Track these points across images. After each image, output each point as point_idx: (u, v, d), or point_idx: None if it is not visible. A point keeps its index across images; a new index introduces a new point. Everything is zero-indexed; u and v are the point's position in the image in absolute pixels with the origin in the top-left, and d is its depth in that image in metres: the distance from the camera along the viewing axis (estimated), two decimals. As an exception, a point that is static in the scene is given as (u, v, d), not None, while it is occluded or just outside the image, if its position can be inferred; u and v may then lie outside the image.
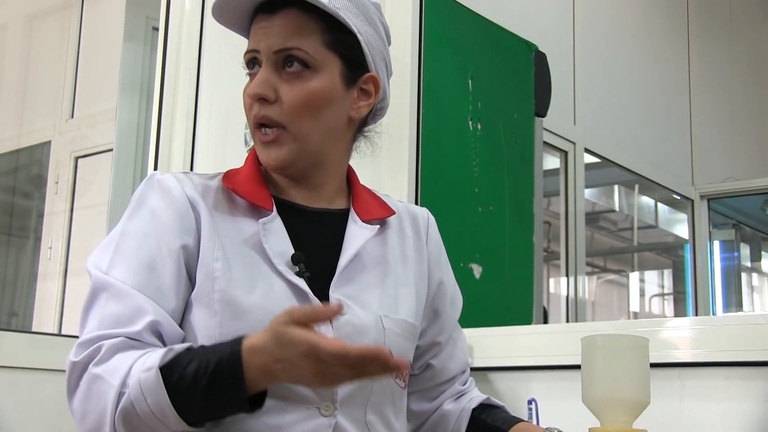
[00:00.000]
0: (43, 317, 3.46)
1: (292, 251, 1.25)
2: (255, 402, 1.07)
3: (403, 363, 1.00)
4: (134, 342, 1.14)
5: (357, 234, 1.31)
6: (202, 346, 1.12)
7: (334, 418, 1.21)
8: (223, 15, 1.29)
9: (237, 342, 1.06)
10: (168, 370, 1.07)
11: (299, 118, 1.24)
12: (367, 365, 0.98)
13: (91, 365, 1.13)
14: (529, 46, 2.86)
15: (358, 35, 1.27)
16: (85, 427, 1.14)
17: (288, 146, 1.25)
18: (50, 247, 3.56)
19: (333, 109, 1.27)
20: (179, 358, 1.09)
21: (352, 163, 1.39)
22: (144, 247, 1.21)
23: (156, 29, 2.90)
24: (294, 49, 1.23)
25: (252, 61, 1.27)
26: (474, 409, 1.42)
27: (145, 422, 1.07)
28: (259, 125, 1.26)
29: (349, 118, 1.31)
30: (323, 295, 1.25)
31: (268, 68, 1.25)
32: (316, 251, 1.28)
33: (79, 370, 1.14)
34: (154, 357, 1.09)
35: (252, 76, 1.27)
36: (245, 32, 1.30)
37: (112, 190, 3.09)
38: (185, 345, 1.12)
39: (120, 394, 1.09)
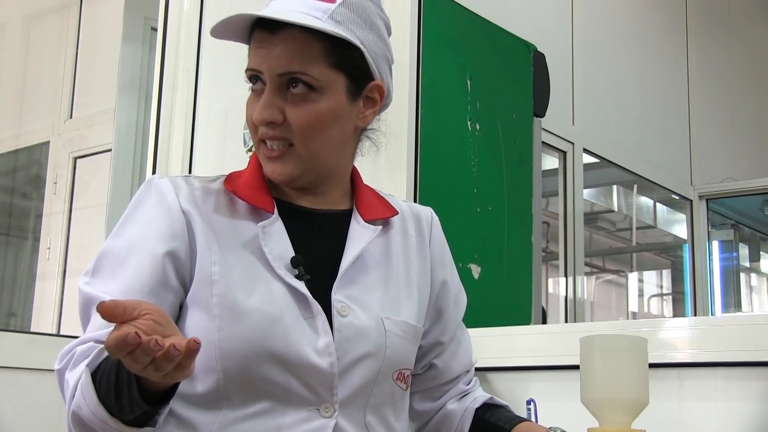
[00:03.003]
0: (42, 317, 3.46)
1: (292, 254, 1.25)
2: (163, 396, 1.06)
3: (152, 344, 0.92)
4: (100, 345, 1.12)
5: (359, 235, 1.31)
6: None
7: (334, 419, 1.21)
8: (221, 35, 1.26)
9: None
10: (97, 369, 1.08)
11: (308, 138, 1.23)
12: (134, 352, 0.93)
13: (66, 372, 1.14)
14: (527, 46, 2.86)
15: (362, 47, 1.25)
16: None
17: (293, 163, 1.24)
18: (49, 248, 3.56)
19: (340, 124, 1.26)
20: (104, 359, 1.08)
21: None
22: (131, 255, 1.21)
23: (155, 29, 2.90)
24: (299, 73, 1.21)
25: (254, 77, 1.26)
26: (477, 409, 1.42)
27: (93, 423, 1.06)
28: (264, 140, 1.25)
29: (355, 128, 1.31)
30: (325, 297, 1.24)
31: (272, 91, 1.23)
32: (319, 253, 1.28)
33: (60, 378, 1.16)
34: (91, 357, 1.09)
35: (255, 92, 1.26)
36: (245, 41, 1.28)
37: (110, 190, 3.10)
38: None
39: (73, 396, 1.10)
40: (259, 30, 1.24)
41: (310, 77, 1.21)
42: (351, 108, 1.27)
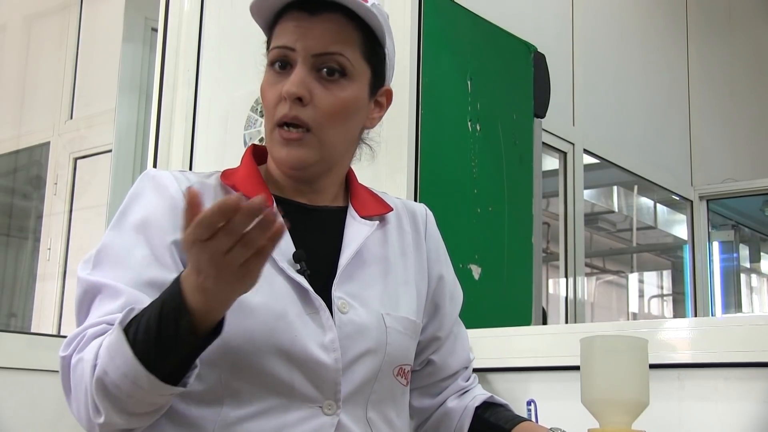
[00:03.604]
0: (42, 318, 3.46)
1: (294, 249, 1.25)
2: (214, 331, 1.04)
3: (258, 201, 0.91)
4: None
5: (357, 230, 1.31)
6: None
7: (337, 416, 1.21)
8: (256, 14, 1.27)
9: (177, 278, 1.03)
10: (128, 327, 1.05)
11: (330, 124, 1.24)
12: (232, 220, 0.92)
13: (74, 354, 1.12)
14: (528, 47, 2.86)
15: (386, 49, 1.29)
16: (78, 417, 1.12)
17: (310, 149, 1.24)
18: (49, 248, 3.56)
19: (357, 118, 1.29)
20: (138, 314, 1.06)
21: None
22: (136, 246, 1.19)
23: (155, 30, 2.90)
24: (337, 54, 1.23)
25: (280, 58, 1.25)
26: (477, 408, 1.42)
27: (120, 387, 1.04)
28: (283, 123, 1.24)
29: (362, 127, 1.32)
30: (325, 292, 1.24)
31: (304, 69, 1.23)
32: (317, 248, 1.28)
33: (67, 364, 1.13)
34: (122, 316, 1.07)
35: (276, 72, 1.25)
36: (267, 24, 1.28)
37: (111, 191, 3.10)
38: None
39: (94, 366, 1.07)
40: (296, 11, 1.24)
41: (347, 59, 1.23)
42: (366, 106, 1.30)
